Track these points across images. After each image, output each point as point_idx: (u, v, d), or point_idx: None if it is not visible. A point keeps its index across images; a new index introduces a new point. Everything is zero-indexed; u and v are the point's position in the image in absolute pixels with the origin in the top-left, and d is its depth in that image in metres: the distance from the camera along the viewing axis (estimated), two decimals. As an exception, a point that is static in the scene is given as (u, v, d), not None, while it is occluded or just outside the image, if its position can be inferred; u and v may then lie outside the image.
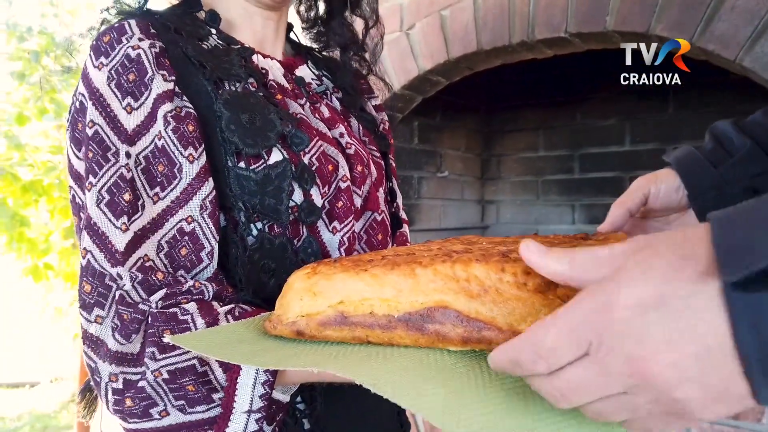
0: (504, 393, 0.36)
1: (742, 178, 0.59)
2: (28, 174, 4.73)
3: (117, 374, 0.52)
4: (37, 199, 4.68)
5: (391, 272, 0.42)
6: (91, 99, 0.57)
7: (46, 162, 4.80)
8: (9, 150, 4.73)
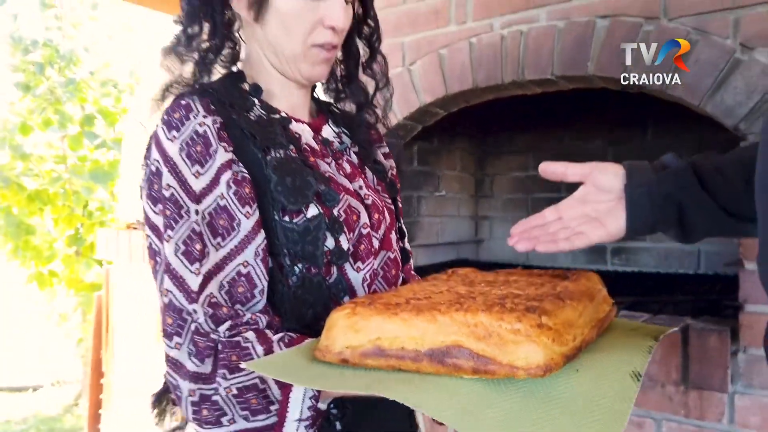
0: (508, 405, 0.49)
1: (669, 184, 0.72)
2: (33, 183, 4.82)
3: (195, 390, 0.64)
4: (42, 207, 4.78)
5: (417, 317, 0.55)
6: (166, 166, 0.69)
7: (50, 171, 4.90)
8: (13, 159, 4.83)
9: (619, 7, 1.30)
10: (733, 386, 1.19)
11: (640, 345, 0.63)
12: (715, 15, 1.19)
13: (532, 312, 0.53)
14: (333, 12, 0.76)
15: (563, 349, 0.53)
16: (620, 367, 0.56)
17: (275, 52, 0.79)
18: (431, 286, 0.69)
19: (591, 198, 0.77)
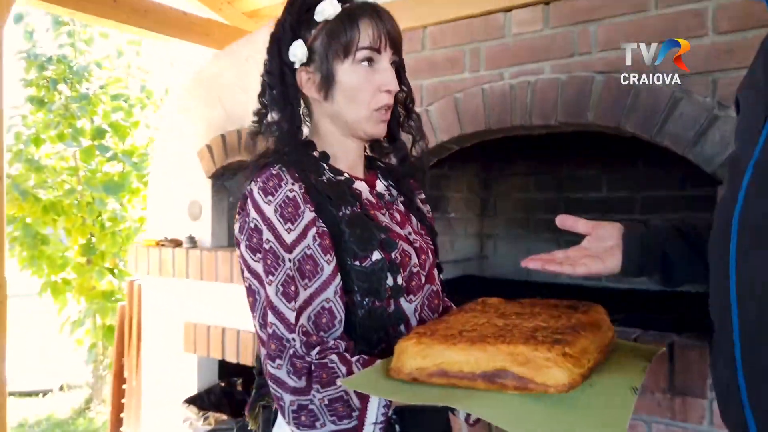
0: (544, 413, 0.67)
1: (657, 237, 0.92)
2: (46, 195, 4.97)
3: (294, 401, 0.83)
4: (56, 218, 4.92)
5: (472, 347, 0.74)
6: (265, 224, 0.88)
7: (62, 183, 5.05)
8: (27, 171, 4.97)
9: (614, 65, 1.50)
10: (711, 393, 1.39)
11: (636, 365, 0.82)
12: (696, 77, 1.39)
13: (558, 344, 0.72)
14: (386, 78, 0.95)
15: (581, 370, 0.72)
16: (622, 383, 0.75)
17: (341, 119, 0.98)
18: (473, 317, 0.88)
19: (593, 245, 0.97)
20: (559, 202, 2.39)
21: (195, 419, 2.26)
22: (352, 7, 0.95)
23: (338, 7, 0.95)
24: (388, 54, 0.96)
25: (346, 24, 0.93)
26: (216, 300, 2.45)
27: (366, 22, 0.94)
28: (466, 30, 1.74)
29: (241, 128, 2.41)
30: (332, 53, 0.94)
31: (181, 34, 3.08)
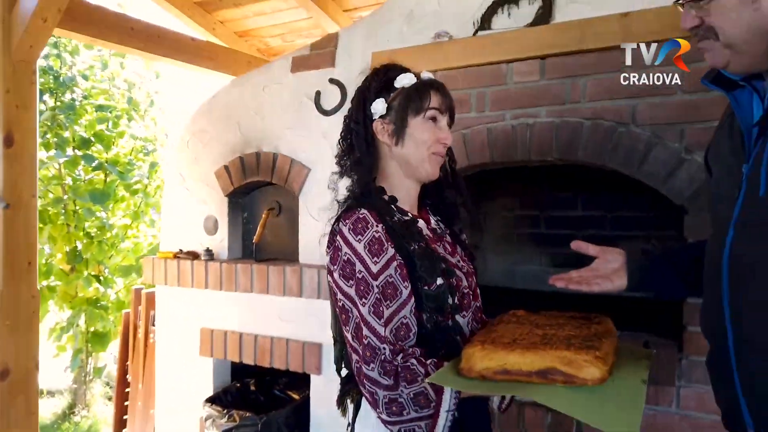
0: (585, 398, 0.93)
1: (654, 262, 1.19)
2: (32, 202, 4.97)
3: (386, 395, 1.06)
4: (42, 227, 4.95)
5: (527, 351, 0.99)
6: (357, 258, 1.11)
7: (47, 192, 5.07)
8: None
9: (599, 113, 1.79)
10: (678, 382, 1.69)
11: (641, 363, 1.09)
12: (667, 126, 1.69)
13: (591, 349, 0.98)
14: (445, 133, 1.22)
15: (607, 368, 0.98)
16: (635, 377, 1.02)
17: (406, 160, 1.22)
18: (516, 328, 1.13)
19: (600, 266, 1.24)
20: (540, 219, 2.69)
21: (218, 417, 2.44)
22: (426, 81, 1.22)
23: (414, 79, 1.21)
24: (446, 117, 1.22)
25: (421, 90, 1.20)
26: (234, 308, 2.64)
27: (435, 92, 1.20)
28: (473, 76, 2.01)
29: (259, 151, 2.61)
30: (409, 110, 1.19)
31: (190, 58, 3.25)
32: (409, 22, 2.29)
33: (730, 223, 1.00)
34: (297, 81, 2.54)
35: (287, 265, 2.45)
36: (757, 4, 0.93)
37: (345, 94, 2.39)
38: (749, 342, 0.98)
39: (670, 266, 1.21)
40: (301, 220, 2.51)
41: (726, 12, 0.96)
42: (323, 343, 2.40)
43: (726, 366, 1.02)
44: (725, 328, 1.01)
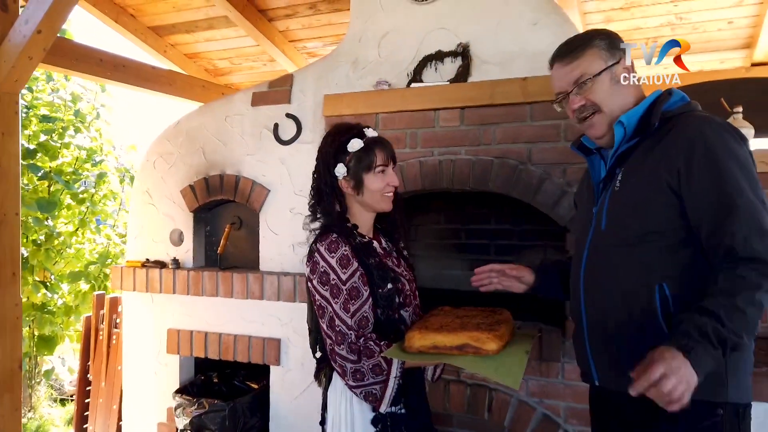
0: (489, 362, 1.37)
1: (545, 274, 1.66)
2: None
3: (353, 367, 1.47)
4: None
5: (450, 333, 1.42)
6: (330, 269, 1.51)
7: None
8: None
9: (505, 153, 2.29)
10: (563, 359, 2.20)
11: (527, 341, 1.56)
12: (554, 165, 2.20)
13: (493, 331, 1.43)
14: (393, 179, 1.63)
15: (503, 343, 1.43)
16: (521, 349, 1.48)
17: (367, 203, 1.63)
18: (443, 318, 1.57)
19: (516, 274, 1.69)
20: (462, 231, 3.18)
21: (188, 405, 2.76)
22: (369, 142, 1.62)
23: (361, 143, 1.61)
24: (391, 165, 1.64)
25: (368, 152, 1.60)
26: (200, 310, 2.96)
27: (379, 149, 1.61)
28: (408, 119, 2.46)
29: (222, 173, 2.95)
30: (362, 169, 1.60)
31: (151, 85, 3.51)
32: (354, 69, 2.72)
33: (586, 246, 1.49)
34: (257, 113, 2.90)
35: (250, 273, 2.81)
36: (619, 86, 1.42)
37: (300, 127, 2.78)
38: (593, 323, 1.47)
39: (557, 276, 1.69)
40: (261, 233, 2.87)
41: (604, 90, 1.42)
42: (282, 339, 2.78)
43: (582, 338, 1.51)
44: (581, 314, 1.50)
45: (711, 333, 1.13)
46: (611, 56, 1.42)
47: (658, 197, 1.31)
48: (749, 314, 1.15)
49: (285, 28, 4.38)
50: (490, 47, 2.42)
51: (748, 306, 1.14)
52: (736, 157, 1.25)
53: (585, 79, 1.41)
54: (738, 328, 1.14)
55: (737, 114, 2.28)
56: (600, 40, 1.43)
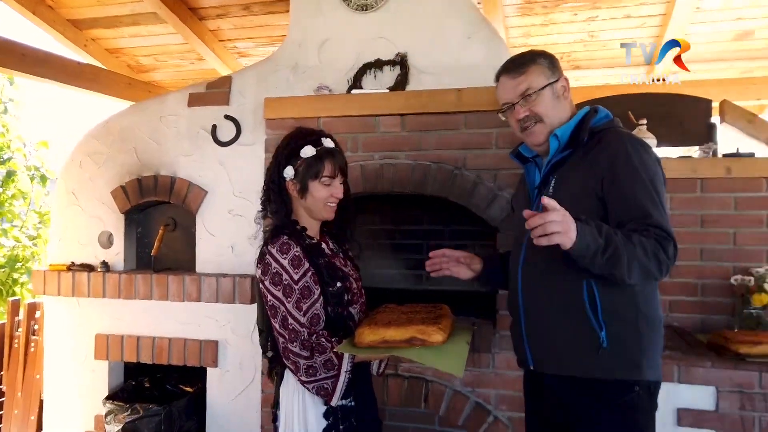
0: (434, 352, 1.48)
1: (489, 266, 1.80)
2: None
3: (305, 363, 1.54)
4: None
5: (398, 327, 1.52)
6: (283, 270, 1.57)
7: None
8: None
9: (443, 159, 2.42)
10: (494, 349, 2.37)
11: (467, 333, 1.69)
12: (486, 171, 2.37)
13: (437, 324, 1.54)
14: (336, 192, 1.71)
15: (446, 335, 1.55)
16: (462, 340, 1.61)
17: (310, 209, 1.70)
18: (390, 314, 1.67)
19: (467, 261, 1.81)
20: (396, 232, 3.30)
21: (120, 411, 2.68)
22: (321, 152, 1.68)
23: (313, 151, 1.67)
24: (339, 178, 1.71)
25: (318, 161, 1.66)
26: (132, 314, 2.88)
27: (329, 160, 1.68)
28: (350, 124, 2.54)
29: (157, 174, 2.89)
30: (308, 175, 1.66)
31: (75, 81, 3.37)
32: (295, 73, 2.76)
33: (523, 245, 1.64)
34: (193, 114, 2.88)
35: (187, 275, 2.78)
36: (559, 100, 1.57)
37: (239, 129, 2.79)
38: (529, 313, 1.62)
39: (500, 267, 1.82)
40: (198, 235, 2.85)
41: (546, 102, 1.58)
42: (220, 340, 2.77)
43: (519, 327, 1.66)
44: (519, 306, 1.64)
45: (604, 230, 1.33)
46: (552, 74, 1.59)
47: (586, 202, 1.48)
48: (637, 251, 1.34)
49: (216, 27, 4.33)
50: (427, 58, 2.55)
51: (638, 245, 1.34)
52: (647, 168, 1.45)
53: (530, 92, 1.57)
54: (621, 248, 1.33)
55: (642, 126, 2.55)
56: (543, 59, 1.60)
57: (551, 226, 1.26)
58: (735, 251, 2.45)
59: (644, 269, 1.36)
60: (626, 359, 1.47)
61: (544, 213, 1.27)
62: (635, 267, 1.35)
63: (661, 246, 1.36)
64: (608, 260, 1.33)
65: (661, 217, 1.41)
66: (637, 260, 1.34)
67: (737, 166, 2.46)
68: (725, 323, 2.45)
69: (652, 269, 1.37)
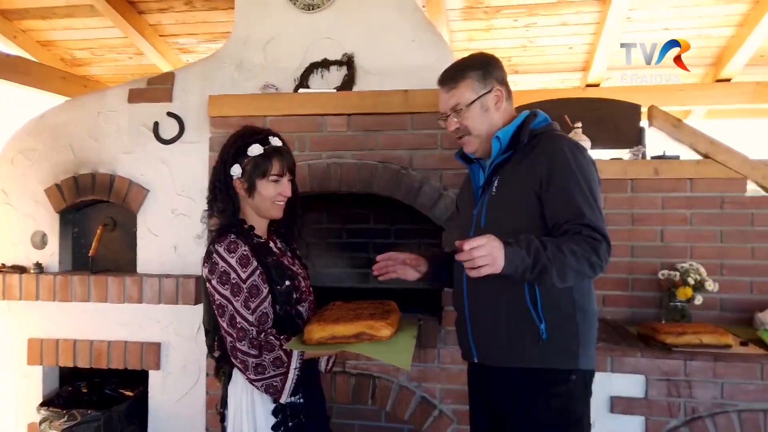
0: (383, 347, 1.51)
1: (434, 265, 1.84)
2: None
3: (254, 362, 1.53)
4: None
5: (347, 323, 1.54)
6: (231, 269, 1.56)
7: None
8: None
9: (389, 159, 2.46)
10: (439, 345, 2.43)
11: (413, 328, 1.73)
12: (432, 171, 2.42)
13: (385, 319, 1.58)
14: (284, 190, 1.71)
15: (394, 329, 1.59)
16: (409, 335, 1.65)
17: (258, 208, 1.70)
18: (338, 311, 1.69)
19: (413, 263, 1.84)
20: (342, 231, 3.32)
21: (56, 417, 2.58)
22: (269, 150, 1.68)
23: (261, 150, 1.67)
24: (287, 176, 1.72)
25: (266, 159, 1.66)
26: (68, 317, 2.77)
27: (277, 159, 1.68)
28: (297, 123, 2.54)
29: (94, 172, 2.79)
30: (256, 174, 1.66)
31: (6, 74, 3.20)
32: (240, 71, 2.74)
33: None
34: (134, 110, 2.80)
35: (127, 276, 2.70)
36: (489, 112, 1.63)
37: (183, 127, 2.74)
38: (474, 308, 1.68)
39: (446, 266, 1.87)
40: (139, 235, 2.77)
41: (474, 117, 1.64)
42: (162, 342, 2.71)
43: (464, 322, 1.71)
44: (464, 302, 1.70)
45: (533, 248, 1.40)
46: (483, 86, 1.64)
47: (526, 201, 1.55)
48: (567, 260, 1.41)
49: (157, 22, 4.22)
50: (374, 59, 2.59)
51: (569, 254, 1.41)
52: (582, 170, 1.53)
53: (459, 107, 1.65)
54: (550, 262, 1.40)
55: (578, 129, 2.68)
56: (475, 72, 1.65)
57: (479, 261, 1.35)
58: (662, 248, 2.62)
59: (578, 273, 1.45)
60: (564, 350, 1.55)
61: (471, 247, 1.35)
62: (569, 273, 1.44)
63: (593, 248, 1.44)
64: (538, 275, 1.42)
65: (594, 216, 1.49)
66: (569, 268, 1.43)
67: (664, 167, 2.62)
68: (654, 316, 2.61)
69: (585, 271, 1.45)
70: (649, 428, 2.21)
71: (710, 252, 2.58)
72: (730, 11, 3.72)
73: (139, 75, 4.78)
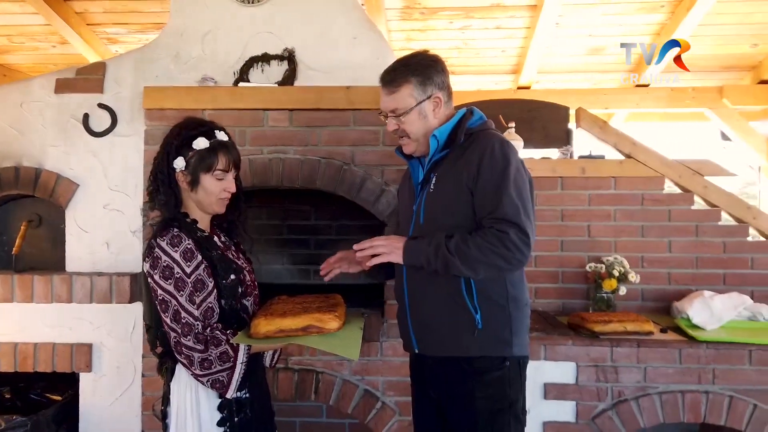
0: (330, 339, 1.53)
1: None
2: None
3: (200, 356, 1.51)
4: None
5: (294, 317, 1.55)
6: (174, 263, 1.53)
7: None
8: None
9: (331, 155, 2.48)
10: (382, 338, 2.47)
11: (359, 320, 1.76)
12: (374, 167, 2.46)
13: (332, 312, 1.60)
14: (229, 186, 1.69)
15: (341, 322, 1.61)
16: (356, 327, 1.68)
17: (201, 203, 1.67)
18: (284, 305, 1.69)
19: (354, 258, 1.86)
20: (283, 227, 3.30)
21: (-24, 427, 2.42)
22: (215, 144, 1.65)
23: (207, 143, 1.64)
24: (232, 172, 1.70)
25: (211, 153, 1.63)
26: (-12, 319, 2.61)
27: (223, 153, 1.66)
28: (237, 117, 2.50)
29: (18, 165, 2.64)
30: (200, 168, 1.63)
31: None
32: (176, 63, 2.67)
33: (408, 236, 1.74)
34: (61, 101, 2.67)
35: (55, 274, 2.57)
36: (427, 118, 1.68)
37: (115, 119, 2.63)
38: (413, 300, 1.73)
39: None
40: (68, 231, 2.64)
41: (412, 122, 1.69)
42: (94, 343, 2.60)
43: (404, 314, 1.76)
44: (404, 294, 1.74)
45: (435, 241, 1.57)
46: (423, 92, 1.69)
47: (462, 198, 1.62)
48: (471, 252, 1.53)
49: (83, 9, 4.04)
50: (315, 55, 2.59)
51: (473, 247, 1.53)
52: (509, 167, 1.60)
53: (399, 112, 1.70)
54: (451, 254, 1.54)
55: (511, 128, 2.79)
56: (415, 77, 1.68)
57: (377, 249, 1.62)
58: (589, 242, 2.78)
59: (489, 265, 1.54)
60: (498, 338, 1.63)
61: (371, 239, 1.64)
62: (478, 265, 1.54)
63: (500, 240, 1.52)
64: (443, 266, 1.56)
65: (511, 209, 1.55)
66: (474, 260, 1.53)
67: (590, 166, 2.79)
68: (582, 306, 2.77)
69: (499, 263, 1.54)
70: (579, 412, 2.34)
71: (632, 246, 2.77)
72: (649, 20, 3.98)
73: (63, 65, 4.54)
